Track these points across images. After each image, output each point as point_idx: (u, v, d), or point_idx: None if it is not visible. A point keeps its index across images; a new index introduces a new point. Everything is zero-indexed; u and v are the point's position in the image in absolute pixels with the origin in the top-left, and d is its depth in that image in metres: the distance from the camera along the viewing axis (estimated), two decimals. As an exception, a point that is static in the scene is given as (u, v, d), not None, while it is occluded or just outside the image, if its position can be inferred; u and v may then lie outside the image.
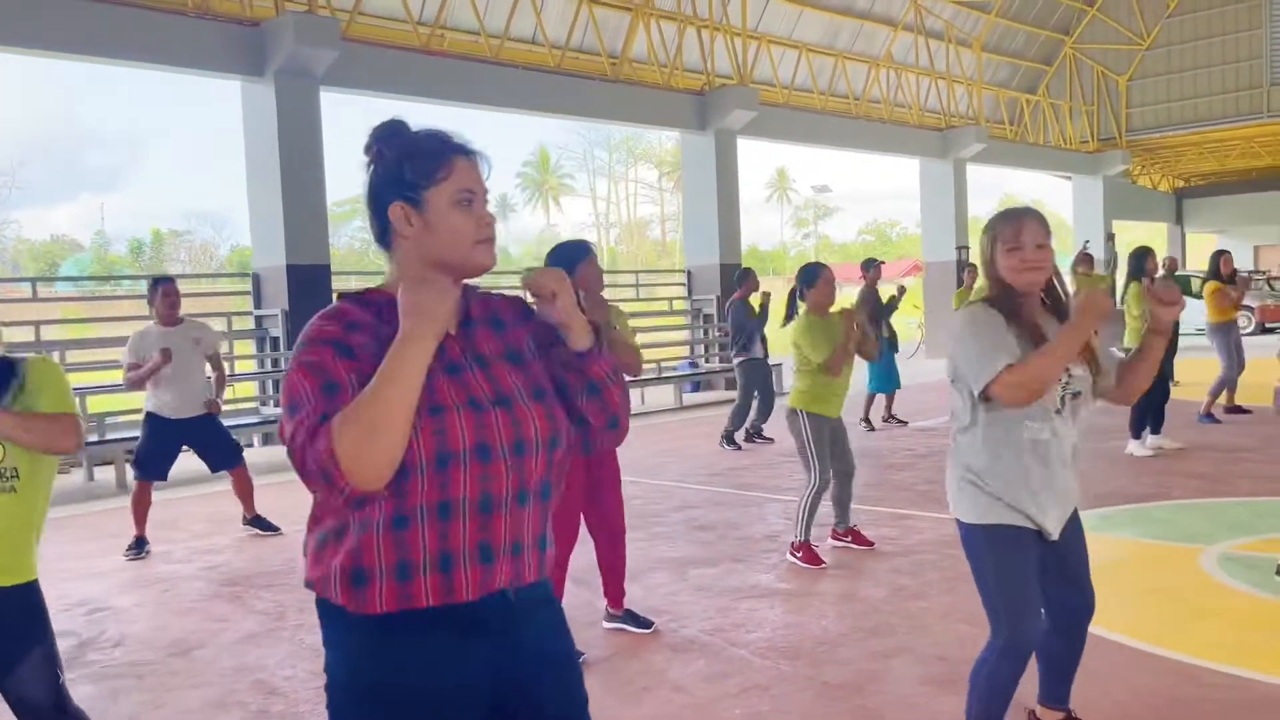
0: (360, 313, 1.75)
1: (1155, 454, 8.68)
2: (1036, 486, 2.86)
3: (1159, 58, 25.72)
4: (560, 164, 68.78)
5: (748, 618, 4.80)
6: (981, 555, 2.93)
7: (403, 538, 1.67)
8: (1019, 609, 2.90)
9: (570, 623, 4.68)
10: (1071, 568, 3.03)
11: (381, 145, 1.81)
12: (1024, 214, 2.93)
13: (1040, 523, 2.87)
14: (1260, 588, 4.89)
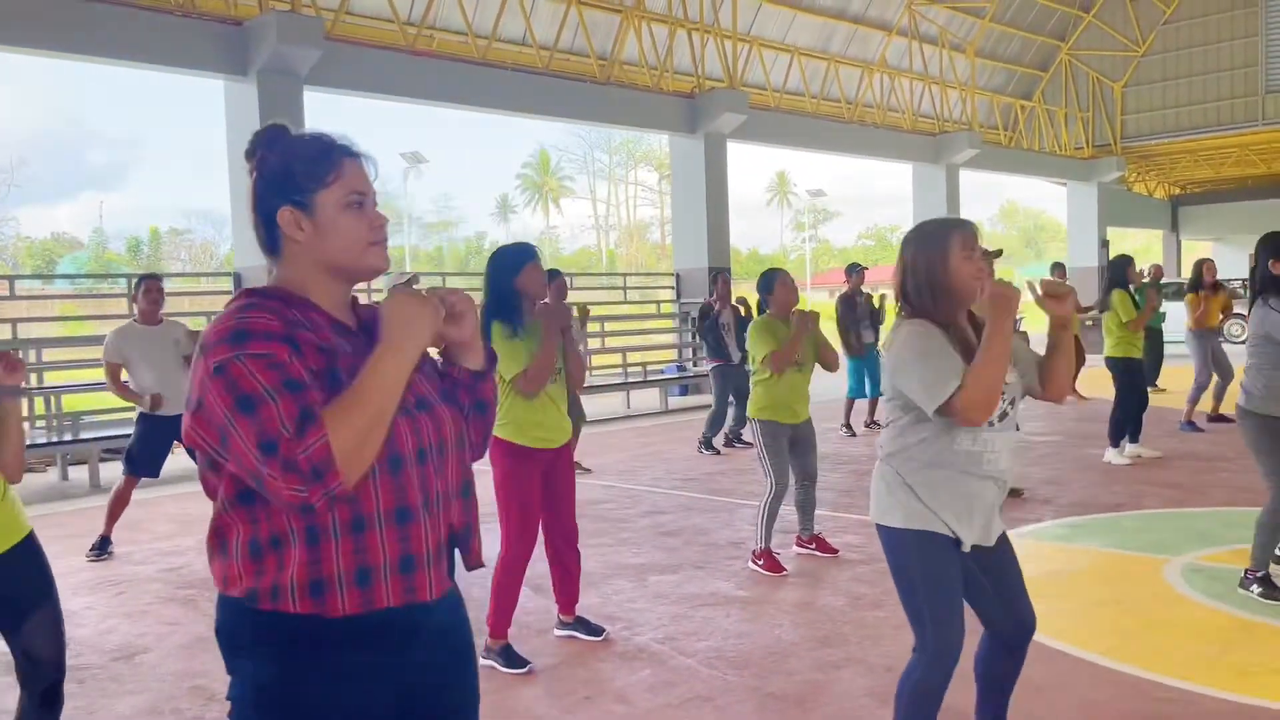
0: (285, 309, 1.70)
1: (1132, 463, 8.62)
2: (967, 498, 2.81)
3: (1154, 64, 25.67)
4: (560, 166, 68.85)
5: (701, 626, 4.75)
6: (908, 562, 2.88)
7: (362, 543, 1.66)
8: (945, 617, 2.85)
9: (524, 630, 4.69)
10: (1008, 587, 2.98)
11: (265, 151, 1.77)
12: (972, 224, 2.90)
13: (959, 533, 2.82)
14: (1220, 600, 4.84)
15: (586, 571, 5.69)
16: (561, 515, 4.45)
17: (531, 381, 4.13)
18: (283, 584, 1.64)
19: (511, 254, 4.29)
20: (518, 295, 4.20)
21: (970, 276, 2.80)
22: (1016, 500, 7.27)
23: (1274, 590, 4.74)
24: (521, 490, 4.24)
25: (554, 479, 4.38)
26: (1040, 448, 9.76)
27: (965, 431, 2.79)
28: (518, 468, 4.24)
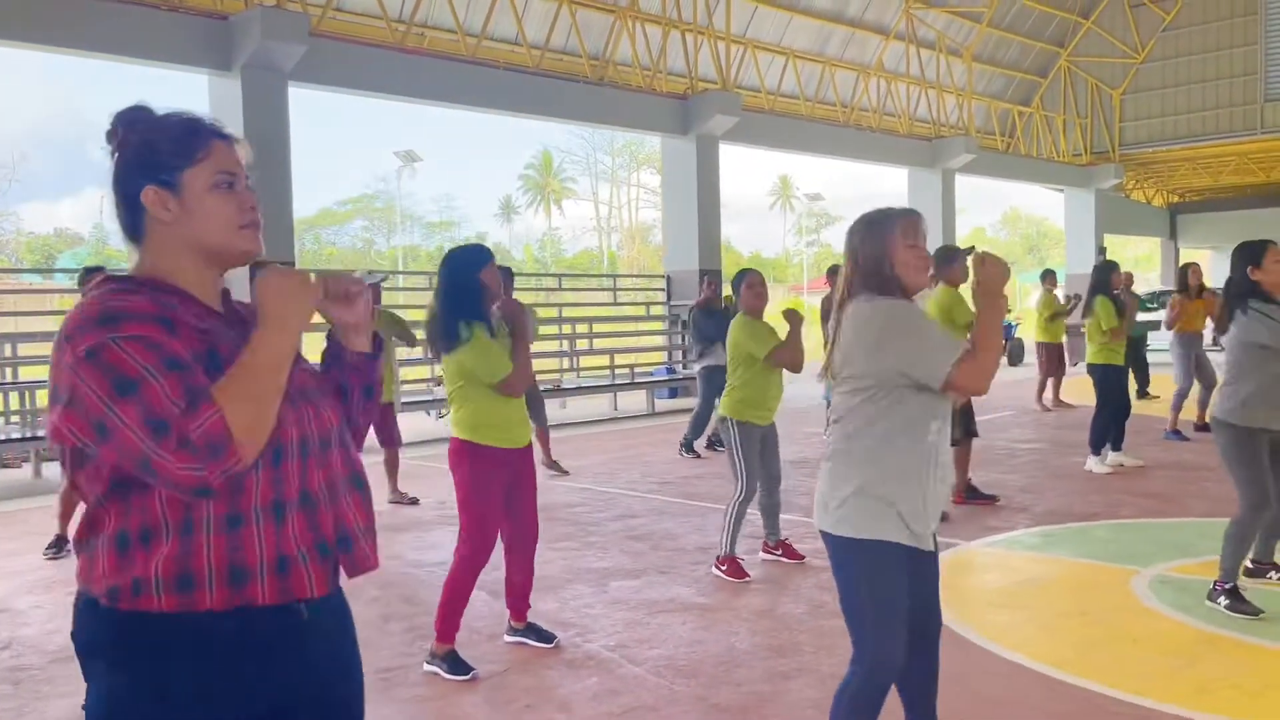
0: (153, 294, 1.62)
1: (1114, 471, 8.52)
2: (928, 493, 2.73)
3: (1153, 71, 25.56)
4: (563, 167, 68.73)
5: (655, 633, 4.66)
6: (857, 573, 2.79)
7: (237, 539, 1.58)
8: (887, 631, 2.77)
9: (474, 635, 4.59)
10: (929, 582, 2.89)
11: (126, 130, 1.69)
12: (918, 214, 2.82)
13: (919, 532, 2.74)
14: (1186, 612, 4.74)
15: (547, 576, 5.63)
16: (523, 519, 4.36)
17: (519, 383, 4.10)
18: (147, 577, 1.55)
19: (473, 252, 4.22)
20: (483, 291, 4.12)
21: (913, 265, 2.73)
22: (992, 507, 7.18)
23: (1241, 603, 4.64)
24: (483, 492, 4.15)
25: (517, 481, 4.28)
26: (1022, 455, 9.66)
27: (937, 420, 2.71)
28: (481, 469, 4.14)
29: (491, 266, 4.15)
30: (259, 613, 1.61)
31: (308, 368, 1.79)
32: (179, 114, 1.72)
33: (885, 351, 2.69)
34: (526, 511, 4.34)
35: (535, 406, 9.01)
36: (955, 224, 22.41)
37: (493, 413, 4.12)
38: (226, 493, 1.55)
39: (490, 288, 4.14)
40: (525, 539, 4.39)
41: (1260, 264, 4.59)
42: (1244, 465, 4.63)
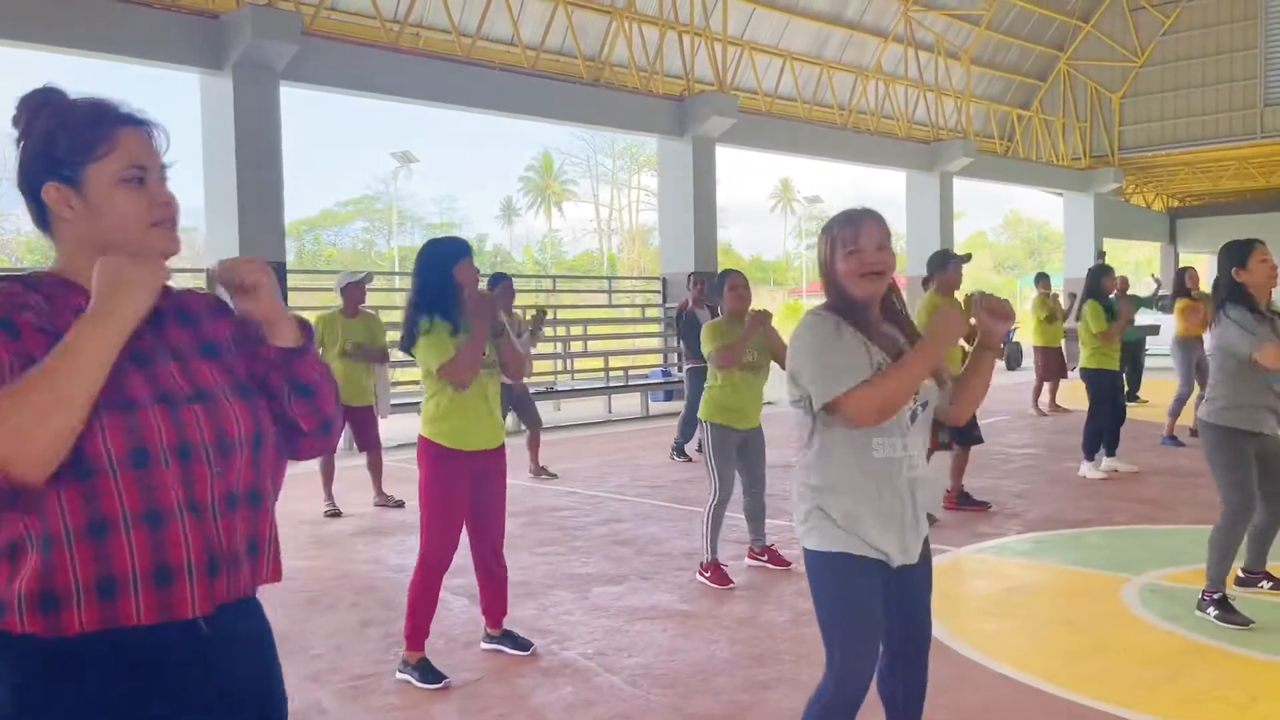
0: (26, 294, 1.52)
1: (1108, 477, 8.44)
2: (884, 510, 2.64)
3: (1153, 75, 25.49)
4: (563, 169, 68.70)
5: (634, 641, 4.58)
6: (824, 585, 2.72)
7: (104, 549, 1.44)
8: (855, 646, 2.69)
9: (451, 642, 4.51)
10: (911, 596, 2.80)
11: (29, 117, 1.59)
12: (864, 215, 2.72)
13: (883, 549, 2.65)
14: (1175, 622, 4.66)
15: (529, 582, 5.56)
16: (490, 525, 4.27)
17: (457, 370, 3.94)
18: (9, 597, 1.44)
19: (447, 246, 4.13)
20: (455, 287, 4.04)
21: (848, 275, 2.64)
22: (984, 514, 7.11)
23: (1230, 613, 4.56)
24: (444, 494, 4.06)
25: (483, 485, 4.19)
26: (1016, 460, 9.59)
27: (881, 437, 2.63)
28: (442, 470, 4.06)
29: (467, 262, 4.06)
30: (138, 632, 1.48)
31: (228, 363, 1.66)
32: (86, 100, 1.61)
33: (797, 366, 2.67)
34: (494, 517, 4.26)
35: (526, 410, 8.94)
36: (954, 227, 22.32)
37: (455, 411, 4.04)
38: (80, 499, 1.43)
39: (465, 284, 4.05)
40: (495, 545, 4.30)
41: (1245, 264, 4.51)
42: (1228, 468, 4.56)
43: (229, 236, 11.44)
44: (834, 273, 2.68)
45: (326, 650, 4.49)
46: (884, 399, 2.52)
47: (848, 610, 2.68)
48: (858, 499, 2.64)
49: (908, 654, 2.83)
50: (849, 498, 2.65)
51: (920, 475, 2.69)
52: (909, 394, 2.56)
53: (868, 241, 2.66)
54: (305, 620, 4.95)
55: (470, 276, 4.07)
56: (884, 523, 2.64)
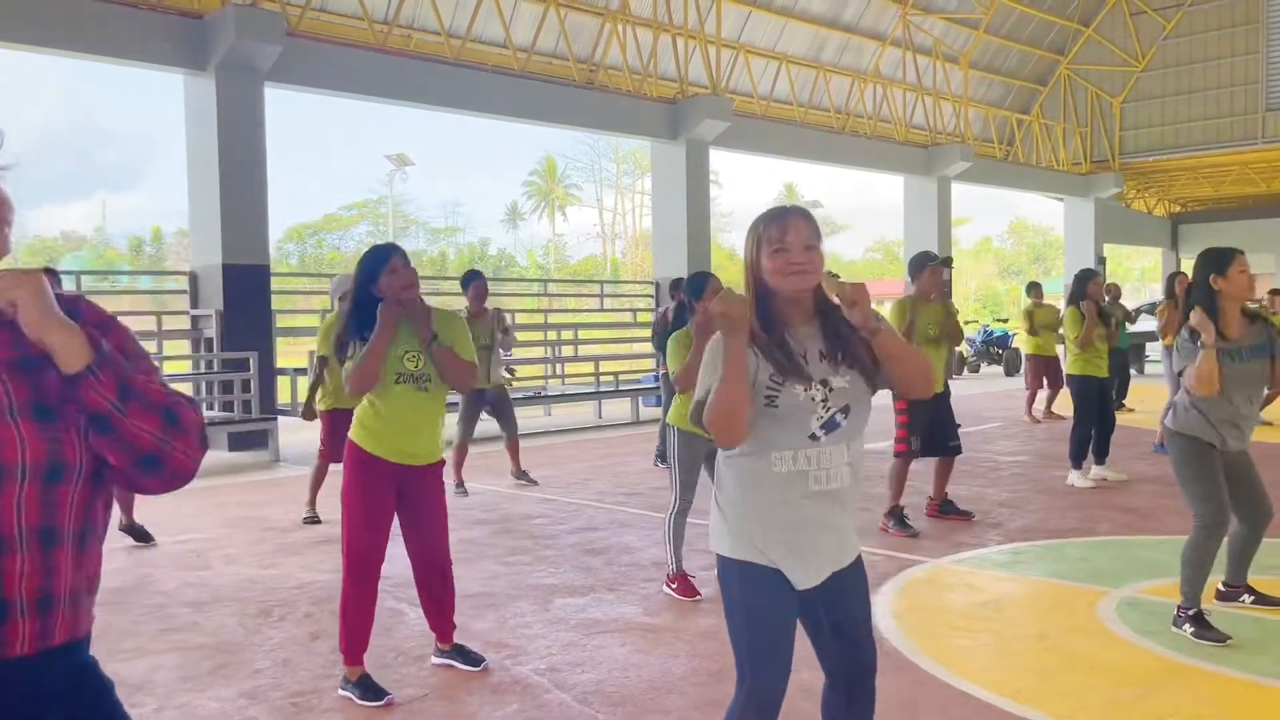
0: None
1: (1096, 486, 8.29)
2: (787, 528, 2.49)
3: (1154, 80, 25.34)
4: (567, 174, 68.60)
5: (591, 655, 4.43)
6: (731, 593, 2.58)
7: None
8: (762, 658, 2.54)
9: (401, 656, 4.37)
10: (846, 623, 2.65)
11: None
12: (790, 212, 2.58)
13: (788, 571, 2.51)
14: (1151, 638, 4.51)
15: (491, 593, 5.42)
16: (428, 542, 4.12)
17: (351, 378, 3.82)
18: None
19: (370, 260, 3.98)
20: (376, 301, 3.90)
21: (774, 273, 2.49)
22: (965, 523, 6.96)
23: (1207, 630, 4.40)
24: (364, 503, 3.92)
25: (416, 500, 4.04)
26: (1005, 468, 9.43)
27: (780, 450, 2.49)
28: (363, 477, 3.92)
29: (388, 270, 3.90)
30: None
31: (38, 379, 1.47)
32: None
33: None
34: (434, 536, 4.11)
35: (504, 414, 8.79)
36: (951, 231, 22.16)
37: (381, 420, 3.90)
38: None
39: (385, 293, 3.89)
40: (434, 563, 4.15)
41: (1224, 273, 4.37)
42: (1197, 480, 4.42)
43: (212, 238, 11.33)
44: (758, 270, 2.54)
45: (271, 665, 4.36)
46: (713, 417, 2.39)
47: (752, 620, 2.54)
48: (759, 516, 2.51)
49: (848, 675, 2.68)
50: (751, 514, 2.52)
51: (839, 489, 2.53)
52: (731, 406, 2.37)
53: (795, 239, 2.52)
54: (255, 632, 4.81)
55: (396, 288, 3.90)
56: (786, 543, 2.50)
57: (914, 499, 7.43)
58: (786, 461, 2.48)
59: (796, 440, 2.48)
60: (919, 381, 2.59)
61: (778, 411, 2.48)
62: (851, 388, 2.54)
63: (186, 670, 4.30)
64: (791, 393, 2.48)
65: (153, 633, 4.83)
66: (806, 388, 2.49)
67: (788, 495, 2.48)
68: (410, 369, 3.93)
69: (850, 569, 2.62)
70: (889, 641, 4.53)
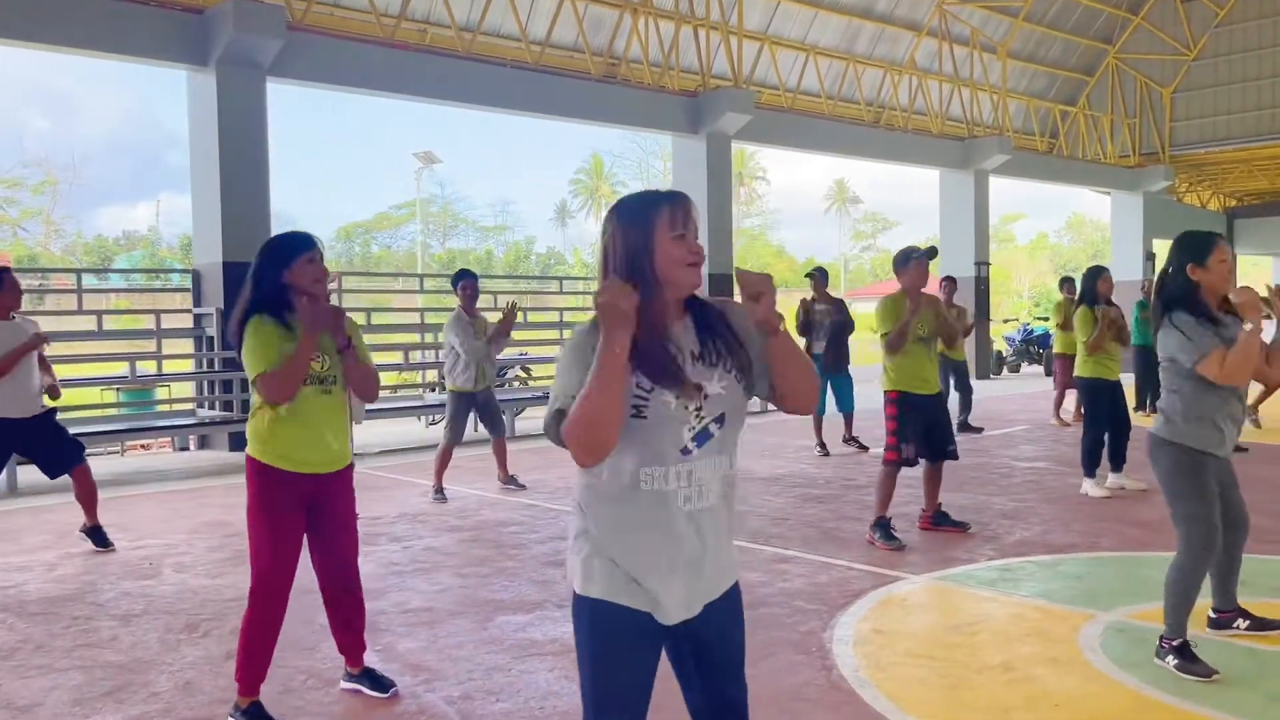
0: None
1: (1111, 495, 7.80)
2: (655, 555, 2.16)
3: (1206, 69, 24.44)
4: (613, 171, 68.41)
5: (513, 681, 4.11)
6: (579, 634, 2.26)
7: None
8: (611, 710, 2.23)
9: (313, 679, 4.06)
10: (716, 659, 2.30)
11: None
12: (684, 197, 2.23)
13: (652, 607, 2.17)
14: (1130, 670, 4.09)
15: (433, 609, 5.15)
16: (335, 557, 3.83)
17: (273, 385, 3.51)
18: None
19: (283, 245, 3.68)
20: (287, 291, 3.61)
21: (675, 262, 2.15)
22: (961, 535, 6.54)
23: (1192, 663, 3.97)
24: (270, 519, 3.63)
25: (323, 511, 3.75)
26: (1018, 475, 8.96)
27: (649, 466, 2.15)
28: (267, 492, 3.63)
29: (303, 262, 3.62)
30: None
31: None
32: None
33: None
34: (340, 549, 3.82)
35: (492, 417, 8.50)
36: (989, 227, 21.52)
37: (281, 429, 3.60)
38: None
39: (299, 284, 3.60)
40: (342, 578, 3.86)
41: (1204, 262, 3.93)
42: (1191, 498, 3.99)
43: (214, 236, 11.19)
44: (652, 258, 2.16)
45: (170, 688, 4.09)
46: (578, 430, 2.05)
47: (600, 667, 2.24)
48: (624, 543, 2.18)
49: (713, 716, 2.34)
50: (614, 541, 2.19)
51: (710, 507, 2.20)
52: (603, 416, 2.04)
53: (691, 227, 2.19)
54: (172, 649, 4.55)
55: (308, 278, 3.63)
56: (654, 573, 2.16)
57: (914, 509, 7.03)
58: (656, 479, 2.16)
59: (667, 455, 2.15)
60: (805, 393, 2.24)
61: (645, 423, 2.15)
62: (728, 394, 2.20)
63: (83, 692, 4.05)
64: (661, 401, 2.15)
65: (67, 648, 4.60)
66: (679, 395, 2.16)
67: (656, 517, 2.16)
68: (316, 370, 3.64)
69: (724, 598, 2.29)
70: (838, 670, 4.17)
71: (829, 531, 6.77)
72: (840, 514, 7.31)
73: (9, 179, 46.60)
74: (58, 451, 6.44)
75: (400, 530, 7.04)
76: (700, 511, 2.17)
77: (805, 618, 4.89)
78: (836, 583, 5.51)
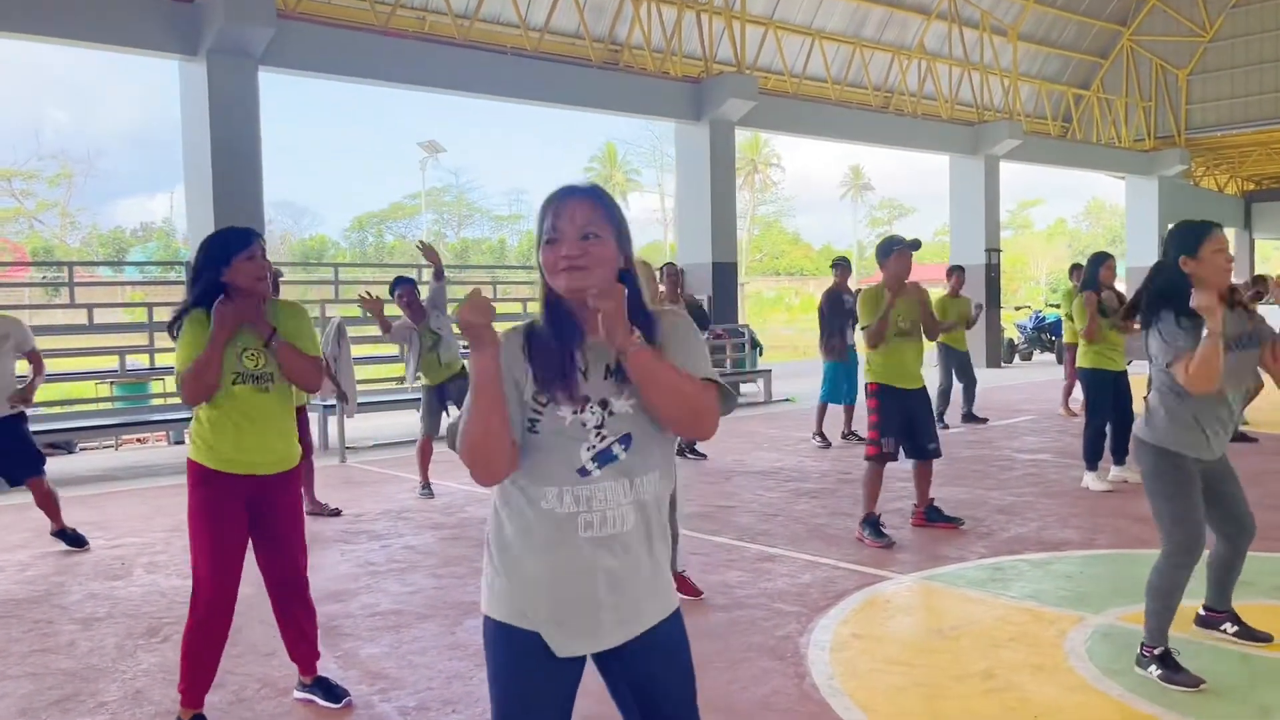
0: None
1: (1113, 489, 7.61)
2: (552, 582, 2.00)
3: (1222, 50, 24.02)
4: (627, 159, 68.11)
5: (471, 691, 3.97)
6: (488, 659, 2.11)
7: None
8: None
9: (267, 688, 3.92)
10: (654, 696, 2.14)
11: None
12: (566, 194, 2.04)
13: (547, 635, 2.01)
14: (1114, 678, 3.91)
15: (401, 611, 5.02)
16: (282, 561, 3.70)
17: (185, 386, 3.39)
18: None
19: (220, 243, 3.54)
20: (227, 290, 3.47)
21: (545, 266, 2.00)
22: (953, 532, 6.36)
23: (1175, 672, 3.80)
24: (211, 523, 3.50)
25: (267, 514, 3.62)
26: (1019, 467, 8.77)
27: (551, 485, 1.99)
28: (208, 496, 3.50)
29: (242, 260, 3.47)
30: None
31: None
32: None
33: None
34: (286, 553, 3.68)
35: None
36: (999, 213, 21.22)
37: (219, 428, 3.47)
38: None
39: (238, 283, 3.46)
40: (290, 583, 3.73)
41: (1196, 253, 3.73)
42: (1169, 499, 3.82)
43: (204, 224, 11.07)
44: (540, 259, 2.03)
45: (119, 697, 3.97)
46: (462, 448, 1.93)
47: (508, 697, 2.09)
48: (524, 567, 2.02)
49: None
50: (515, 564, 2.03)
51: (619, 534, 2.03)
52: (477, 435, 1.91)
53: (568, 227, 2.00)
54: (128, 655, 4.44)
55: (248, 276, 3.48)
56: (549, 600, 2.01)
57: (906, 504, 6.86)
58: (552, 499, 2.00)
59: (562, 474, 1.99)
60: (682, 418, 2.02)
61: (538, 439, 2.00)
62: (638, 414, 2.03)
63: (31, 700, 3.93)
64: (556, 416, 2.00)
65: (23, 653, 4.49)
66: (577, 410, 2.00)
67: (555, 541, 2.00)
68: (250, 367, 3.50)
69: (658, 631, 2.10)
70: (811, 677, 4.01)
71: (818, 528, 6.60)
72: (833, 510, 7.14)
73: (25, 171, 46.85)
74: (17, 460, 6.28)
75: (381, 528, 6.91)
76: (606, 540, 2.00)
77: (784, 621, 4.74)
78: (820, 583, 5.35)
